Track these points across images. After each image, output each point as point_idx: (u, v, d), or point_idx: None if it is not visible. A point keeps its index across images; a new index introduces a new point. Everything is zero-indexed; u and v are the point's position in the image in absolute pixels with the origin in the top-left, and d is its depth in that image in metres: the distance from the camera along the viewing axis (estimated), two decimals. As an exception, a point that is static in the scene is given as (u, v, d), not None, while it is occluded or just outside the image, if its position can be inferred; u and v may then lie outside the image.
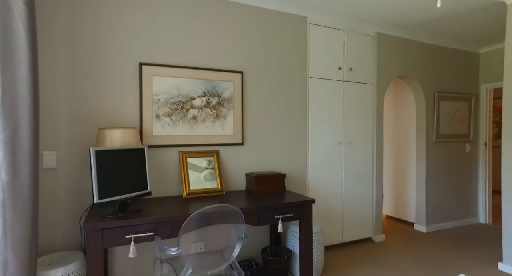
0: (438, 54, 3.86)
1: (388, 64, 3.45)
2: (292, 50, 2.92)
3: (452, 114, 3.99)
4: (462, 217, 4.08)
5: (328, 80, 3.09)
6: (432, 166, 3.81)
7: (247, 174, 2.64)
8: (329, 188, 3.11)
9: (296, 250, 2.52)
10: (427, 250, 3.18)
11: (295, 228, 2.55)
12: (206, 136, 2.54)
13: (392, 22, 3.21)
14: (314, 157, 3.02)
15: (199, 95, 2.49)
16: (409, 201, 4.04)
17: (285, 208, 2.19)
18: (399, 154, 4.21)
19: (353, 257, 2.97)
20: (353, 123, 3.24)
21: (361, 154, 3.30)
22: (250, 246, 2.69)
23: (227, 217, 1.73)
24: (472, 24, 3.29)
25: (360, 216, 3.30)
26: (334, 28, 3.11)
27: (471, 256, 3.01)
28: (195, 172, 2.41)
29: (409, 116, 4.05)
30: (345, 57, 3.17)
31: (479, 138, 4.23)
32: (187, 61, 2.45)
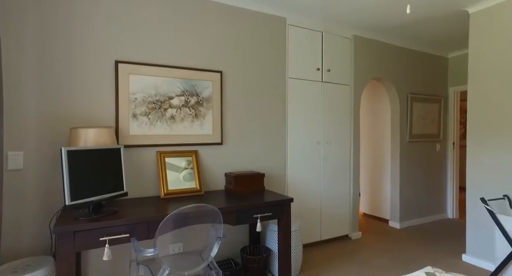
0: (411, 57, 4.03)
1: (364, 66, 3.56)
2: (272, 51, 2.94)
3: (424, 115, 4.17)
4: (432, 213, 4.28)
5: (306, 80, 3.14)
6: (405, 165, 3.97)
7: (226, 174, 2.63)
8: (308, 187, 3.17)
9: (275, 249, 2.54)
10: (400, 245, 3.31)
11: (274, 227, 2.57)
12: (185, 135, 2.51)
13: (368, 25, 3.32)
14: (293, 157, 3.07)
15: (177, 94, 2.46)
16: (384, 199, 4.19)
17: (264, 207, 2.21)
18: (375, 153, 4.35)
19: (331, 254, 3.04)
20: (331, 123, 3.32)
21: (338, 153, 3.38)
22: (229, 246, 2.69)
23: (205, 217, 1.72)
24: (440, 30, 3.46)
25: (337, 214, 3.39)
26: (313, 30, 3.17)
27: (439, 249, 3.18)
28: (174, 172, 2.38)
29: (384, 116, 4.20)
30: (323, 58, 3.24)
31: (448, 138, 4.46)
32: (165, 60, 2.41)
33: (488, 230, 2.72)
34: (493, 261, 2.43)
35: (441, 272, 1.55)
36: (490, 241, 2.72)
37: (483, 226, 2.76)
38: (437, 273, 1.55)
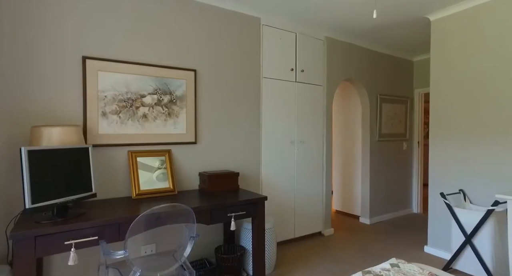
0: (380, 60, 4.21)
1: (336, 67, 3.68)
2: (246, 50, 2.96)
3: (392, 115, 4.38)
4: (399, 208, 4.51)
5: (281, 80, 3.19)
6: (375, 163, 4.15)
7: (200, 173, 2.62)
8: (282, 186, 3.22)
9: (250, 247, 2.56)
10: (370, 240, 3.46)
11: (249, 225, 2.59)
12: (158, 134, 2.46)
13: (339, 27, 3.43)
14: (267, 156, 3.10)
15: (149, 93, 2.40)
16: (355, 196, 4.35)
17: (238, 206, 2.22)
18: (347, 152, 4.51)
19: (304, 251, 3.11)
20: (304, 123, 3.39)
21: (312, 152, 3.47)
22: (203, 246, 2.67)
23: (178, 217, 1.70)
24: (405, 35, 3.66)
25: (311, 211, 3.47)
26: (287, 31, 3.22)
27: (405, 242, 3.36)
28: (147, 172, 2.33)
29: (355, 116, 4.36)
30: (297, 59, 3.31)
31: (413, 137, 4.71)
32: (136, 57, 2.35)
33: (447, 222, 2.91)
34: (450, 251, 2.62)
35: (404, 263, 1.65)
36: (448, 232, 2.92)
37: (442, 219, 2.96)
38: (400, 264, 1.64)
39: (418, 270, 1.57)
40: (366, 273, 1.53)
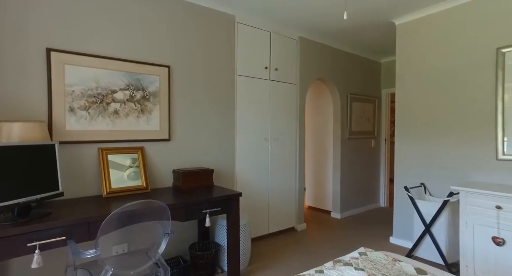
0: (351, 61, 4.39)
1: (309, 66, 3.78)
2: (221, 48, 2.96)
3: (361, 113, 4.58)
4: (367, 203, 4.73)
5: (255, 78, 3.23)
6: (345, 160, 4.32)
7: (174, 171, 2.59)
8: (256, 182, 3.26)
9: (225, 244, 2.58)
10: (340, 234, 3.61)
11: (223, 222, 2.61)
12: (130, 131, 2.40)
13: (312, 28, 3.53)
14: (242, 153, 3.13)
15: (121, 88, 2.34)
16: (327, 192, 4.50)
17: (213, 203, 2.23)
18: (319, 149, 4.65)
19: (278, 246, 3.18)
20: (278, 120, 3.46)
21: (285, 149, 3.54)
22: (178, 243, 2.65)
23: (152, 214, 1.68)
24: (374, 37, 3.84)
25: (284, 207, 3.55)
26: (261, 29, 3.26)
27: (372, 234, 3.55)
28: (118, 170, 2.27)
29: (327, 114, 4.50)
30: (271, 57, 3.36)
31: (381, 135, 4.96)
32: (107, 51, 2.27)
33: (409, 214, 3.11)
34: (412, 240, 2.82)
35: (371, 251, 1.76)
36: (411, 223, 3.12)
37: (406, 211, 3.15)
38: (368, 252, 1.75)
39: (384, 257, 1.68)
40: (336, 262, 1.61)
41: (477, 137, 2.63)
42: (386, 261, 1.60)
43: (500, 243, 2.15)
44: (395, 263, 1.57)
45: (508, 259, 2.12)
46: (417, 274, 1.46)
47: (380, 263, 1.57)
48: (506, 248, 2.13)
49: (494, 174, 2.53)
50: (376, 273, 1.45)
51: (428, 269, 1.54)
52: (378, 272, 1.46)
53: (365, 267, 1.51)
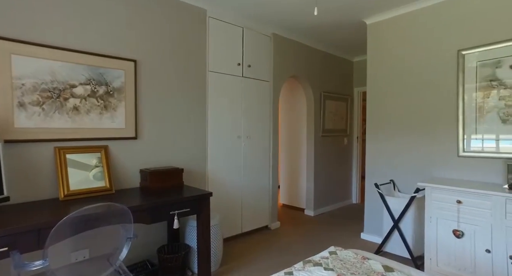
0: (324, 59, 4.42)
1: (283, 64, 3.76)
2: (192, 43, 2.85)
3: (334, 112, 4.65)
4: (340, 200, 4.82)
5: (227, 75, 3.15)
6: (319, 158, 4.37)
7: (141, 170, 2.46)
8: (229, 181, 3.20)
9: (195, 245, 2.50)
10: (313, 231, 3.64)
11: (194, 223, 2.52)
12: (92, 129, 2.24)
13: (286, 25, 3.50)
14: (214, 151, 3.05)
15: (81, 83, 2.17)
16: (300, 190, 4.53)
17: (182, 203, 2.14)
18: (293, 147, 4.66)
19: (251, 246, 3.14)
20: (251, 118, 3.41)
21: (258, 147, 3.50)
22: (146, 246, 2.53)
23: (112, 217, 1.57)
24: (346, 36, 3.89)
25: (258, 206, 3.52)
26: (234, 25, 3.19)
27: (344, 230, 3.61)
28: (83, 170, 2.12)
29: (301, 112, 4.52)
30: (244, 53, 3.29)
31: (353, 133, 5.07)
32: (65, 42, 2.09)
33: (380, 210, 3.19)
34: (382, 235, 2.90)
35: (341, 250, 1.76)
36: (381, 219, 3.20)
37: (376, 208, 3.23)
38: (338, 251, 1.74)
39: (353, 255, 1.68)
40: (306, 263, 1.59)
41: (441, 135, 2.74)
42: (355, 260, 1.60)
43: (460, 235, 2.25)
44: (364, 261, 1.58)
45: (466, 250, 2.23)
46: (385, 271, 1.47)
47: (350, 262, 1.57)
48: (465, 240, 2.23)
49: (455, 170, 2.65)
50: (345, 272, 1.44)
51: (395, 266, 1.56)
52: (347, 271, 1.45)
53: (335, 266, 1.50)
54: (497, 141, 2.42)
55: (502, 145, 2.40)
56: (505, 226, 2.06)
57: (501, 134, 2.41)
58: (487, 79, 2.47)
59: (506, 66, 2.38)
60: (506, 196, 2.04)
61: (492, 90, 2.45)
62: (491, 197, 2.11)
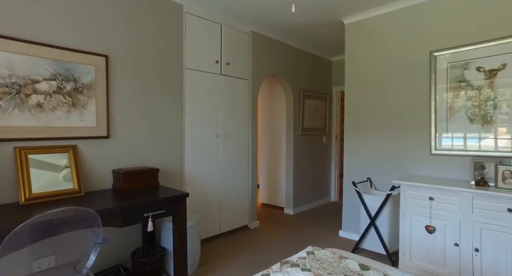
0: (303, 58, 4.44)
1: (262, 62, 3.73)
2: (168, 39, 2.76)
3: (313, 111, 4.68)
4: (319, 198, 4.87)
5: (205, 72, 3.08)
6: (298, 156, 4.38)
7: (114, 171, 2.35)
8: (207, 181, 3.13)
9: (172, 248, 2.42)
10: (292, 229, 3.64)
11: (170, 224, 2.44)
12: (59, 128, 2.11)
13: (265, 23, 3.47)
14: (191, 150, 2.97)
15: (46, 78, 2.03)
16: (280, 188, 4.53)
17: (156, 205, 2.06)
18: (272, 145, 4.66)
19: (230, 246, 3.10)
20: (230, 117, 3.36)
21: (237, 146, 3.46)
22: (118, 251, 2.42)
23: (79, 222, 1.47)
24: (324, 36, 3.92)
25: (237, 206, 3.47)
26: (212, 21, 3.11)
27: (323, 228, 3.65)
28: (50, 172, 1.99)
29: (280, 111, 4.52)
30: (222, 51, 3.23)
31: (332, 131, 5.13)
32: (25, 33, 1.94)
33: (357, 208, 3.24)
34: (359, 233, 2.95)
35: (318, 249, 1.75)
36: (358, 217, 3.26)
37: (354, 205, 3.28)
38: (315, 251, 1.74)
39: (330, 255, 1.68)
40: (284, 264, 1.57)
41: (416, 134, 2.81)
42: (333, 259, 1.60)
43: (431, 231, 2.33)
44: (341, 260, 1.58)
45: (437, 244, 2.30)
46: (361, 270, 1.48)
47: (327, 261, 1.57)
48: (436, 235, 2.31)
49: (429, 168, 2.73)
50: (322, 272, 1.43)
51: (371, 264, 1.58)
52: (324, 271, 1.45)
53: (312, 267, 1.49)
54: (465, 140, 2.52)
55: (469, 143, 2.50)
56: (471, 220, 2.14)
57: (468, 133, 2.51)
58: (456, 80, 2.56)
59: (473, 68, 2.48)
60: (473, 192, 2.13)
61: (461, 91, 2.54)
62: (460, 193, 2.19)
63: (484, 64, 2.43)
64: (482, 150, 2.44)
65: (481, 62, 2.43)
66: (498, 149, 2.37)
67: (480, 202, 2.11)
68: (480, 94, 2.45)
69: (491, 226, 2.06)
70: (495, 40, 2.36)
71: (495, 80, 2.38)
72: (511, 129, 2.32)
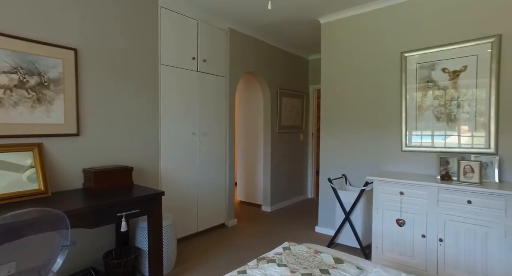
0: (280, 56, 4.47)
1: (239, 59, 3.71)
2: (143, 34, 2.67)
3: (290, 108, 4.73)
4: (296, 195, 4.94)
5: (181, 69, 3.01)
6: (275, 154, 4.42)
7: (84, 170, 2.25)
8: (184, 179, 3.08)
9: (147, 248, 2.36)
10: (270, 226, 3.68)
11: (145, 224, 2.38)
12: (22, 124, 1.99)
13: (242, 20, 3.45)
14: (167, 148, 2.91)
15: (5, 71, 1.90)
16: (257, 186, 4.55)
17: (130, 204, 2.00)
18: (250, 143, 4.66)
19: (207, 244, 3.07)
20: (207, 114, 3.31)
21: (214, 144, 3.43)
22: (89, 253, 2.32)
23: (45, 224, 1.39)
24: (301, 34, 3.96)
25: (214, 204, 3.45)
26: (188, 17, 3.05)
27: (300, 225, 3.71)
28: (12, 172, 1.88)
29: (258, 108, 4.53)
30: (199, 47, 3.18)
31: (309, 129, 5.22)
32: (-16, 23, 1.81)
33: (333, 204, 3.32)
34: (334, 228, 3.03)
35: (294, 245, 1.78)
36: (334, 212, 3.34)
37: (329, 201, 3.36)
38: (291, 246, 1.76)
39: (306, 249, 1.71)
40: (260, 260, 1.58)
41: (388, 131, 2.92)
42: (308, 254, 1.63)
43: (402, 224, 2.44)
44: (316, 255, 1.61)
45: (406, 236, 2.42)
46: (335, 263, 1.52)
47: (303, 256, 1.60)
48: (405, 228, 2.42)
49: (399, 164, 2.85)
50: (298, 267, 1.46)
51: (345, 257, 1.62)
52: (300, 266, 1.47)
53: (288, 262, 1.51)
54: (433, 137, 2.66)
55: (436, 140, 2.64)
56: (437, 212, 2.27)
57: (435, 131, 2.64)
58: (424, 80, 2.69)
59: (439, 69, 2.62)
60: (438, 186, 2.26)
61: (429, 91, 2.67)
62: (427, 188, 2.31)
63: (448, 66, 2.56)
64: (447, 146, 2.58)
65: (446, 64, 2.57)
66: (461, 146, 2.52)
67: (445, 195, 2.23)
68: (446, 94, 2.58)
69: (453, 217, 2.20)
70: (457, 43, 2.51)
71: (458, 81, 2.53)
72: (472, 127, 2.47)
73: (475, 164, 2.25)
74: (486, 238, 2.08)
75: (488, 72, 2.38)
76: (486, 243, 2.08)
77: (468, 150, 2.47)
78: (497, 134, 2.36)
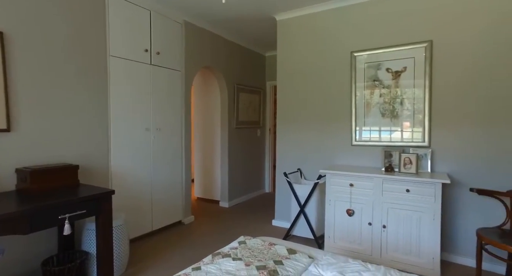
0: (237, 51, 4.45)
1: (195, 53, 3.62)
2: (86, 20, 2.46)
3: (248, 104, 4.75)
4: (254, 190, 5.01)
5: (133, 61, 2.85)
6: (232, 149, 4.41)
7: (18, 170, 2.03)
8: (137, 176, 2.93)
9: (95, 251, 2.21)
10: (227, 222, 3.67)
11: (93, 225, 2.22)
12: None
13: (198, 13, 3.36)
14: (118, 145, 2.74)
15: None
16: (215, 182, 4.51)
17: (75, 205, 1.85)
18: (207, 139, 4.59)
19: (162, 243, 2.97)
20: (161, 109, 3.18)
21: (170, 140, 3.31)
22: (26, 261, 2.11)
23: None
24: (258, 31, 3.98)
25: (170, 201, 3.34)
26: (139, 6, 2.89)
27: (258, 219, 3.77)
28: None
29: (215, 103, 4.47)
30: (152, 39, 3.03)
31: (266, 125, 5.30)
32: None
33: (288, 197, 3.43)
34: (290, 220, 3.14)
35: (250, 239, 1.80)
36: (289, 206, 3.45)
37: (285, 195, 3.46)
38: (247, 240, 1.78)
39: (261, 243, 1.75)
40: (215, 255, 1.57)
41: (340, 127, 3.08)
42: (263, 247, 1.66)
43: (351, 213, 2.60)
44: (270, 247, 1.65)
45: (355, 225, 2.60)
46: (289, 254, 1.57)
47: (258, 249, 1.62)
48: (354, 217, 2.60)
49: (350, 157, 3.03)
50: (253, 260, 1.48)
51: (298, 248, 1.69)
52: (254, 258, 1.49)
53: (243, 256, 1.52)
54: (380, 132, 2.87)
55: (383, 135, 2.85)
56: (381, 202, 2.46)
57: (382, 126, 2.86)
58: (371, 79, 2.88)
59: (383, 69, 2.82)
60: (383, 177, 2.45)
61: (375, 89, 2.87)
62: (373, 179, 2.49)
63: (391, 66, 2.78)
64: (392, 141, 2.80)
65: (389, 64, 2.79)
66: (403, 140, 2.76)
67: (388, 185, 2.43)
68: (390, 92, 2.80)
69: (395, 205, 2.41)
70: (398, 46, 2.74)
71: (399, 80, 2.75)
72: (412, 123, 2.72)
73: (413, 156, 2.49)
74: (420, 222, 2.32)
75: (423, 73, 2.64)
76: (420, 226, 2.32)
77: (409, 144, 2.71)
78: (430, 129, 2.63)
